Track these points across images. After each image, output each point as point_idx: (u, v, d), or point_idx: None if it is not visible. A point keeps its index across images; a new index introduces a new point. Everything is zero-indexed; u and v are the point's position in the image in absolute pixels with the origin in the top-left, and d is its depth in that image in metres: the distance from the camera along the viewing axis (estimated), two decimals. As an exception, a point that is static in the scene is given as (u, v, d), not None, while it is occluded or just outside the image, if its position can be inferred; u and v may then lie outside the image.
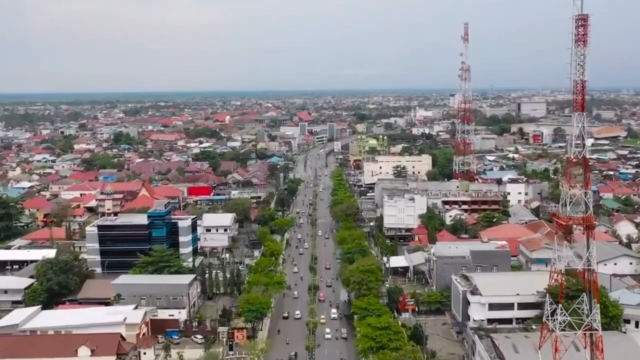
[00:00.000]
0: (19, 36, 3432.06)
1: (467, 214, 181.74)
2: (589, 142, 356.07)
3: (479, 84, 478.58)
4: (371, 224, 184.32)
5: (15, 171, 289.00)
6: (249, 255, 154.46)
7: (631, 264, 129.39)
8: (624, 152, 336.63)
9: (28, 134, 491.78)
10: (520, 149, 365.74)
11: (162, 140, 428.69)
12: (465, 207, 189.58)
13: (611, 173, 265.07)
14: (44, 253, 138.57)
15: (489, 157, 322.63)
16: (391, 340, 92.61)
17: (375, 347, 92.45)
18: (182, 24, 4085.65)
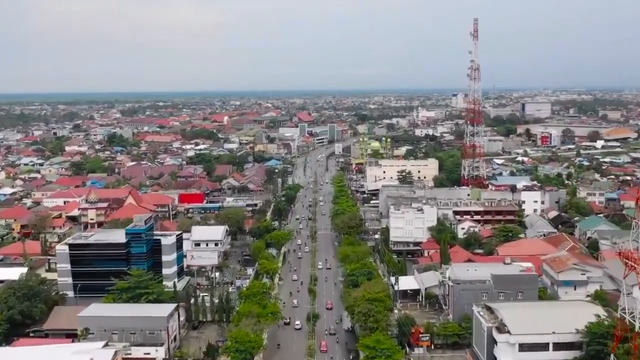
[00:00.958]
0: (19, 36, 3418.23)
1: (480, 225, 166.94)
2: (598, 144, 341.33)
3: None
4: (376, 236, 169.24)
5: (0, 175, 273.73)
6: (241, 274, 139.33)
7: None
8: (637, 155, 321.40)
9: (19, 135, 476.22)
10: (528, 151, 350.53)
11: (157, 142, 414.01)
12: (478, 217, 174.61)
13: (628, 178, 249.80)
14: (12, 272, 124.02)
15: (497, 160, 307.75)
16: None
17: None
18: (182, 24, 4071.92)
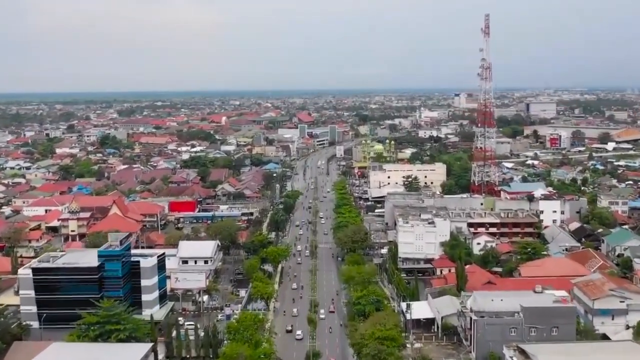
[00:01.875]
0: (19, 36, 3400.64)
1: (497, 239, 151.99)
2: (610, 146, 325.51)
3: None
4: (382, 251, 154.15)
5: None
6: (232, 299, 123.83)
7: None
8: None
9: (10, 136, 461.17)
10: (538, 154, 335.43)
11: (151, 144, 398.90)
12: (493, 229, 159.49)
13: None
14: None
15: (506, 164, 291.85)
16: None
17: None
18: (182, 24, 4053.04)
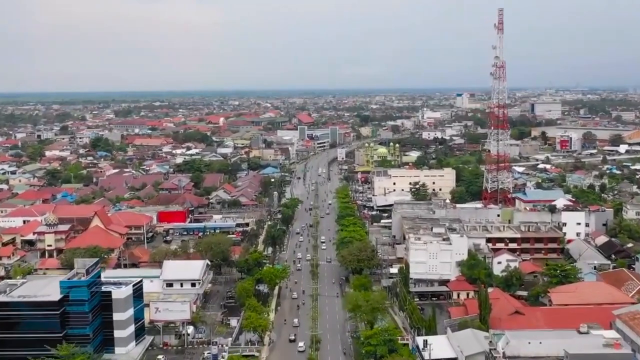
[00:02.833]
0: (19, 35, 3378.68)
1: (519, 257, 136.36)
2: (622, 148, 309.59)
3: (482, 83, 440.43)
4: (391, 270, 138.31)
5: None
6: (221, 331, 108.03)
7: None
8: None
9: (1, 137, 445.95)
10: (550, 157, 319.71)
11: (145, 146, 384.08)
12: (514, 245, 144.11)
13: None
14: None
15: (517, 168, 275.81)
16: None
17: None
18: (182, 24, 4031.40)
